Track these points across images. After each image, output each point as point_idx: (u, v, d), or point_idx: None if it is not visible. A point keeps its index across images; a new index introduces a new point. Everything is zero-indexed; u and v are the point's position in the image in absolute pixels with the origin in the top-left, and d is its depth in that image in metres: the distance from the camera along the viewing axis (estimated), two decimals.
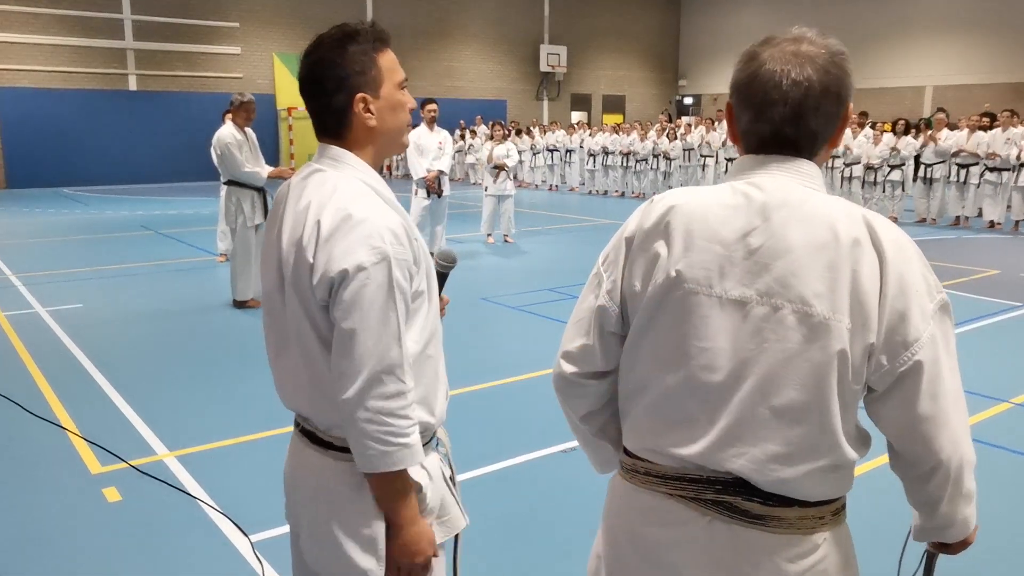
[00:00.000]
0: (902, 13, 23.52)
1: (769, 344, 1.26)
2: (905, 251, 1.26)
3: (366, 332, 1.47)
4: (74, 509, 3.53)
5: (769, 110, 1.30)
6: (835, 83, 1.30)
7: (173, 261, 9.64)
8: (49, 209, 15.18)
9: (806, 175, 1.32)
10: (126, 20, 19.87)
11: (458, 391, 5.00)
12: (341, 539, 1.58)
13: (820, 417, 1.26)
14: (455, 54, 25.36)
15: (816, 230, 1.25)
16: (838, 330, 1.23)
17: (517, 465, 3.96)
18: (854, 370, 1.25)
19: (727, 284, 1.28)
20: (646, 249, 1.35)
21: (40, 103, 19.02)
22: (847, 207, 1.28)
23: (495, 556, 3.16)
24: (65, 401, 4.83)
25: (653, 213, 1.37)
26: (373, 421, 1.47)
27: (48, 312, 7.04)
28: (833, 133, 1.35)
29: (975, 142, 12.61)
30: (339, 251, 1.46)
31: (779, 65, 1.29)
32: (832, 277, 1.23)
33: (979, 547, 3.22)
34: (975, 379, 5.26)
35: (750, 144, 1.36)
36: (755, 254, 1.27)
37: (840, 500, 1.36)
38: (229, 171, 6.95)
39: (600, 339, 1.43)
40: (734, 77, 1.36)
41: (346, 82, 1.55)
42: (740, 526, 1.30)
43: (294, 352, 1.59)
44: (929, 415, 1.27)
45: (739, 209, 1.30)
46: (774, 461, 1.27)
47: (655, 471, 1.37)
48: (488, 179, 11.05)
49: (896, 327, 1.24)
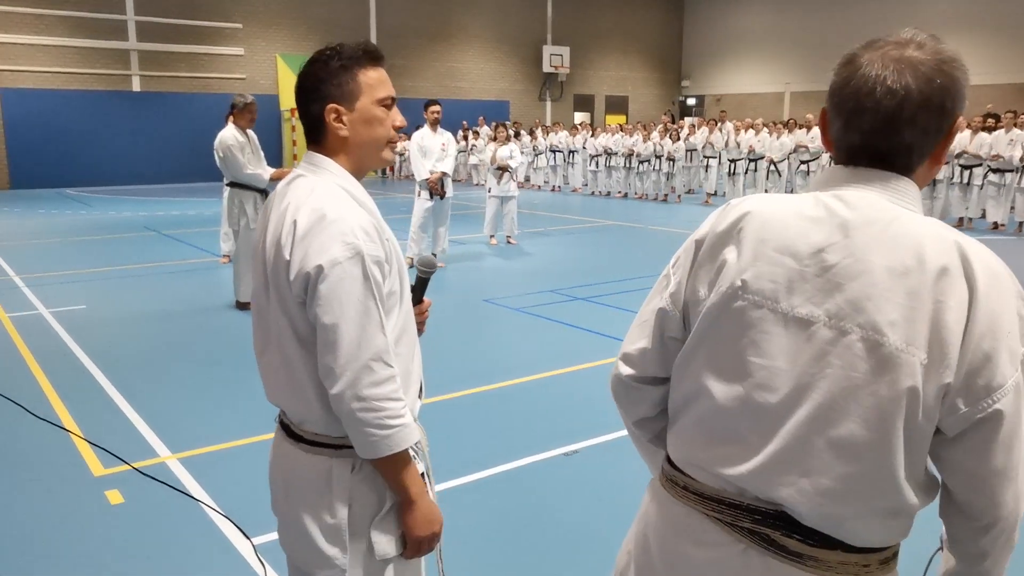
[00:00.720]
0: (905, 14, 23.49)
1: (833, 370, 1.16)
2: (1001, 285, 1.14)
3: (347, 324, 1.54)
4: (76, 511, 3.54)
5: (858, 119, 1.21)
6: (939, 93, 1.18)
7: (176, 262, 9.65)
8: (52, 210, 15.21)
9: (899, 192, 1.22)
10: (130, 21, 19.91)
11: (460, 393, 5.00)
12: (309, 528, 1.66)
13: (881, 456, 1.16)
14: (458, 55, 25.37)
15: (900, 253, 1.15)
16: (911, 364, 1.12)
17: (520, 467, 3.95)
18: (925, 410, 1.14)
19: (794, 300, 1.20)
20: (715, 254, 1.28)
21: (44, 104, 19.07)
22: (941, 231, 1.17)
23: (497, 557, 3.16)
24: (68, 402, 4.84)
25: (728, 217, 1.29)
26: (369, 409, 1.55)
27: (51, 313, 7.06)
28: (935, 148, 1.23)
29: (978, 143, 12.59)
30: (314, 248, 1.54)
31: (876, 70, 1.19)
32: (911, 306, 1.13)
33: None
34: None
35: (840, 154, 1.27)
36: (829, 272, 1.18)
37: (891, 549, 1.26)
38: (231, 173, 6.96)
39: (660, 343, 1.37)
40: (831, 81, 1.26)
41: (320, 92, 1.66)
42: (776, 560, 1.22)
43: (274, 350, 1.67)
44: (1000, 469, 1.16)
45: (820, 222, 1.21)
46: (823, 496, 1.18)
47: (693, 487, 1.31)
48: (491, 180, 11.06)
49: (980, 369, 1.12)
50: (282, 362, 1.65)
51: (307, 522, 1.66)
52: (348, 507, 1.65)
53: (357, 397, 1.54)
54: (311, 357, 1.60)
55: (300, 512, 1.68)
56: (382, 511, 1.68)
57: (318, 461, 1.66)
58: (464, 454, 4.09)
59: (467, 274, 9.15)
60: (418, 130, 9.24)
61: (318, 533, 1.65)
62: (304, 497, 1.67)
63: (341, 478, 1.65)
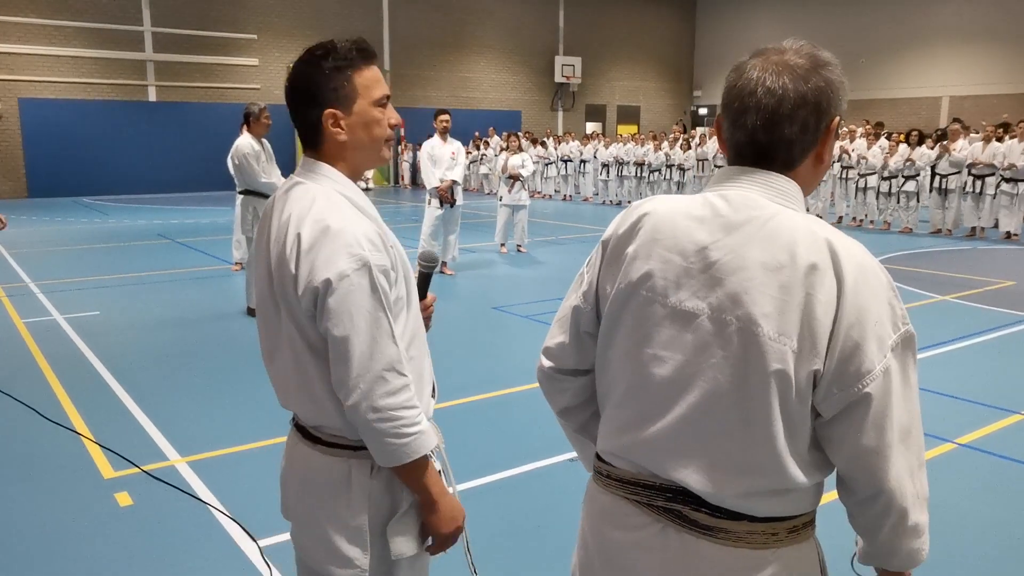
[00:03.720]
0: (919, 24, 23.44)
1: (716, 359, 1.25)
2: (869, 279, 1.22)
3: (359, 336, 1.53)
4: (86, 512, 3.58)
5: (743, 117, 1.30)
6: (814, 93, 1.28)
7: (189, 269, 9.75)
8: (69, 218, 15.39)
9: (779, 190, 1.31)
10: (146, 32, 20.15)
11: (469, 399, 5.03)
12: (328, 530, 1.65)
13: (762, 438, 1.24)
14: (470, 65, 25.50)
15: (775, 250, 1.23)
16: (782, 352, 1.21)
17: (526, 472, 3.98)
18: (798, 392, 1.22)
19: (682, 295, 1.29)
20: (618, 253, 1.38)
21: (61, 114, 19.31)
22: (813, 229, 1.25)
23: (503, 562, 3.18)
24: (80, 407, 4.90)
25: (628, 218, 1.39)
26: (385, 419, 1.54)
27: (66, 319, 7.14)
28: (815, 145, 1.32)
29: (991, 152, 12.53)
30: (320, 261, 1.53)
31: (758, 73, 1.29)
32: (784, 299, 1.21)
33: (990, 559, 3.22)
34: (985, 391, 5.23)
35: (730, 154, 1.37)
36: (712, 268, 1.27)
37: (800, 518, 1.33)
38: (246, 181, 7.05)
39: (576, 338, 1.47)
40: (725, 85, 1.37)
41: (317, 98, 1.62)
42: (691, 535, 1.30)
43: (285, 356, 1.66)
44: (873, 447, 1.24)
45: (704, 221, 1.30)
46: (715, 475, 1.27)
47: (615, 474, 1.40)
48: (503, 189, 11.10)
49: (850, 357, 1.21)
50: (294, 369, 1.64)
51: (326, 523, 1.65)
52: (368, 508, 1.64)
53: (373, 408, 1.53)
54: (324, 364, 1.59)
55: (318, 513, 1.66)
56: (399, 512, 1.68)
57: (337, 463, 1.65)
58: (470, 459, 4.12)
59: (477, 282, 9.19)
60: (428, 139, 9.32)
61: (338, 534, 1.64)
62: (323, 498, 1.66)
63: (360, 479, 1.65)
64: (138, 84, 20.32)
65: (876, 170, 13.80)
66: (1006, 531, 3.44)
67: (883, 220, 13.99)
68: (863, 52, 24.62)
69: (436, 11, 24.43)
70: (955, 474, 4.01)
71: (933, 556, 3.55)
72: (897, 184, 13.58)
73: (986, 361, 6.00)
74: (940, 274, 9.60)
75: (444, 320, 7.25)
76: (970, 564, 3.19)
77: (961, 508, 3.64)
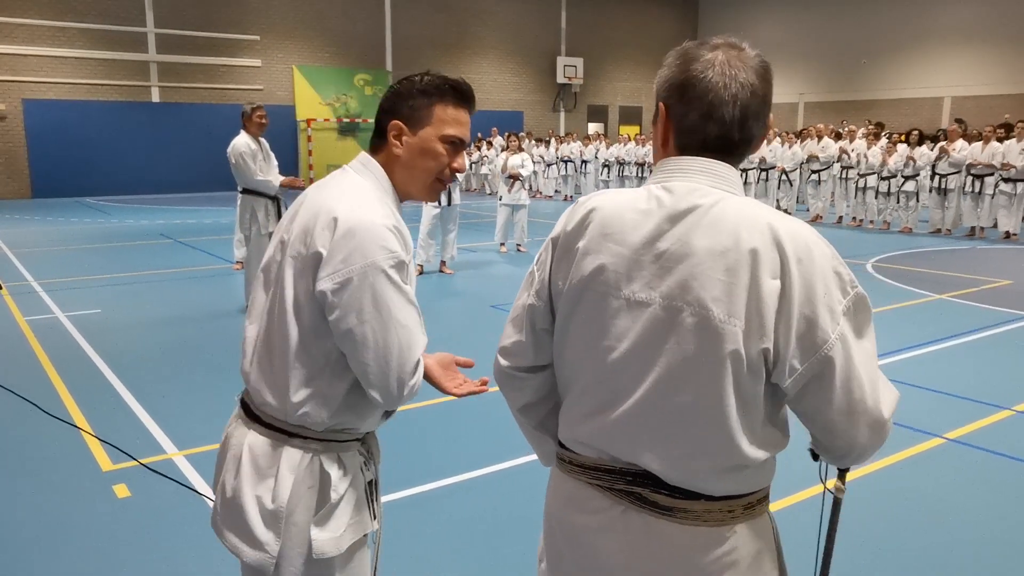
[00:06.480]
0: (921, 24, 23.44)
1: (670, 345, 1.30)
2: (812, 255, 1.27)
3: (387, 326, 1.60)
4: (84, 504, 3.64)
5: (719, 111, 1.33)
6: (768, 90, 1.36)
7: (190, 269, 9.82)
8: (72, 218, 15.47)
9: (722, 177, 1.35)
10: (150, 34, 20.25)
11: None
12: (247, 509, 1.69)
13: (717, 417, 1.29)
14: (472, 66, 25.56)
15: (719, 235, 1.28)
16: (733, 333, 1.25)
17: (518, 466, 4.03)
18: (750, 370, 1.27)
19: (634, 286, 1.33)
20: (568, 250, 1.42)
21: (65, 114, 19.41)
22: (755, 212, 1.29)
23: (496, 555, 3.24)
24: (80, 402, 4.97)
25: (576, 215, 1.43)
26: (413, 394, 1.67)
27: (67, 317, 7.21)
28: (760, 138, 1.40)
29: (990, 152, 12.55)
30: (356, 250, 1.57)
31: (725, 68, 1.33)
32: (731, 282, 1.25)
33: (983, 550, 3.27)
34: (976, 387, 5.27)
35: (689, 144, 1.37)
36: (661, 258, 1.31)
37: (755, 495, 1.38)
38: (243, 180, 7.11)
39: (532, 335, 1.50)
40: (671, 77, 1.38)
41: (394, 107, 1.72)
42: (652, 516, 1.35)
43: (261, 325, 1.72)
44: (846, 409, 1.29)
45: (650, 214, 1.34)
46: (673, 457, 1.32)
47: (577, 460, 1.44)
48: (503, 188, 11.16)
49: (805, 332, 1.25)
50: (264, 336, 1.69)
51: (246, 502, 1.68)
52: (290, 496, 1.66)
53: (404, 392, 1.64)
54: (301, 344, 1.63)
55: (241, 491, 1.69)
56: (324, 508, 1.69)
57: (269, 445, 1.69)
58: (462, 454, 4.18)
59: (476, 280, 9.25)
60: None
61: (255, 514, 1.67)
62: (248, 477, 1.69)
63: (289, 466, 1.67)
64: (141, 85, 20.42)
65: (876, 170, 13.83)
66: (993, 523, 3.49)
67: (883, 220, 14.02)
68: (865, 53, 24.62)
69: (438, 12, 24.50)
70: (944, 468, 4.05)
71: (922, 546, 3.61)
72: (896, 184, 13.61)
73: (978, 358, 6.04)
74: (937, 273, 9.63)
75: (443, 318, 7.30)
76: (958, 554, 3.24)
77: (949, 501, 3.69)
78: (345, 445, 1.74)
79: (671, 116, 1.39)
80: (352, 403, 1.70)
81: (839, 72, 25.43)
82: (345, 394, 1.68)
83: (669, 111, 1.39)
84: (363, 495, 1.77)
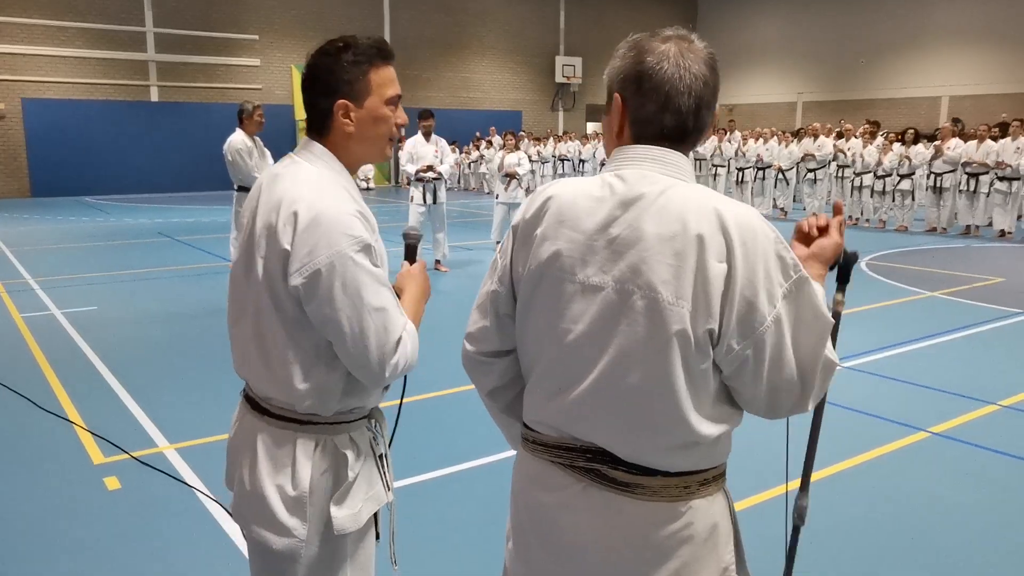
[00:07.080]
0: (918, 23, 23.48)
1: (622, 327, 1.34)
2: (757, 239, 1.31)
3: (360, 311, 1.60)
4: (75, 496, 3.68)
5: (675, 101, 1.38)
6: (717, 81, 1.42)
7: (187, 267, 9.86)
8: (71, 217, 15.52)
9: (673, 164, 1.40)
10: (148, 33, 20.30)
11: (454, 390, 5.12)
12: (269, 500, 1.71)
13: (667, 394, 1.34)
14: (471, 65, 25.61)
15: (668, 221, 1.32)
16: (680, 314, 1.30)
17: (505, 459, 4.06)
18: (698, 350, 1.32)
19: (588, 271, 1.38)
20: (527, 237, 1.46)
21: (64, 114, 19.47)
22: (702, 198, 1.34)
23: (491, 542, 3.27)
24: (73, 397, 5.01)
25: (534, 203, 1.47)
26: (410, 367, 1.70)
27: (63, 314, 7.26)
28: (710, 126, 1.46)
29: (984, 151, 12.59)
30: (320, 242, 1.58)
31: (679, 60, 1.38)
32: (678, 266, 1.30)
33: (967, 543, 3.30)
34: (963, 382, 5.31)
35: (645, 134, 1.42)
36: (614, 243, 1.36)
37: (711, 471, 1.43)
38: (238, 177, 7.16)
39: (496, 320, 1.55)
40: (625, 68, 1.42)
41: (331, 88, 1.69)
42: (612, 492, 1.40)
43: (248, 324, 1.73)
44: (777, 384, 1.35)
45: (603, 201, 1.39)
46: (628, 435, 1.37)
47: (540, 440, 1.49)
48: (499, 187, 11.19)
49: (745, 314, 1.31)
50: (254, 335, 1.70)
51: (268, 493, 1.70)
52: (310, 482, 1.70)
53: (397, 370, 1.66)
54: (289, 337, 1.65)
55: (261, 483, 1.71)
56: (341, 487, 1.73)
57: (283, 436, 1.71)
58: (460, 446, 4.22)
59: (469, 278, 9.28)
60: (411, 138, 9.53)
61: (279, 503, 1.69)
62: (267, 470, 1.71)
63: (305, 454, 1.70)
64: (140, 84, 20.47)
65: (871, 168, 13.87)
66: (978, 515, 3.52)
67: (878, 218, 14.06)
68: (863, 52, 24.65)
69: (437, 12, 24.54)
70: (929, 461, 4.09)
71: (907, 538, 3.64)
72: (892, 183, 13.65)
73: (966, 355, 6.07)
74: (931, 271, 9.67)
75: (437, 314, 7.32)
76: (942, 547, 3.27)
77: (934, 493, 3.72)
78: (354, 424, 1.78)
79: (627, 107, 1.43)
80: (352, 387, 1.73)
81: (837, 71, 25.46)
82: (344, 381, 1.71)
83: (625, 102, 1.43)
84: (375, 469, 1.82)
